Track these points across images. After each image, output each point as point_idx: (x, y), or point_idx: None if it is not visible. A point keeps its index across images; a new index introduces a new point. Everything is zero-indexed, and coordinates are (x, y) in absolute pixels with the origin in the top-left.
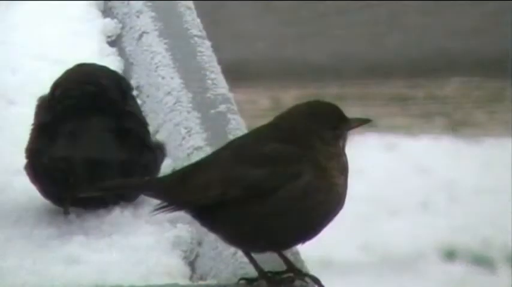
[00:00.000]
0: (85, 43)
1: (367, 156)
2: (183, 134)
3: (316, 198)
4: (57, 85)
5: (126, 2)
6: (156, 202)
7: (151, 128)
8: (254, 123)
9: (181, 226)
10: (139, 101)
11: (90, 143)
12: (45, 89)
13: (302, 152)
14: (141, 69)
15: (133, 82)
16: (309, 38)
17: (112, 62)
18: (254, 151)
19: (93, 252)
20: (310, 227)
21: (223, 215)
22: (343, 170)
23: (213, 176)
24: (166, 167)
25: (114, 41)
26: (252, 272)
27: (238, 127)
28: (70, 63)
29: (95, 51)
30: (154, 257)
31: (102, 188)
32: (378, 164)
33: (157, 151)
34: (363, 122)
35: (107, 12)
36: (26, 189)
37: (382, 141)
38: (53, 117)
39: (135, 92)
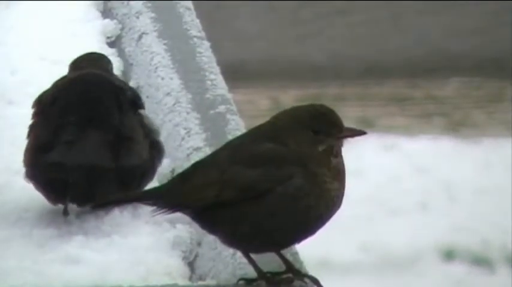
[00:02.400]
0: (84, 44)
1: (366, 156)
2: (182, 135)
3: (306, 202)
4: (56, 97)
5: (125, 2)
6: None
7: None
8: (253, 124)
9: (181, 227)
10: None
11: (84, 150)
12: (44, 89)
13: (295, 155)
14: (140, 70)
15: (132, 83)
16: (309, 38)
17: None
18: (249, 152)
19: (92, 252)
20: (304, 228)
21: (221, 216)
22: (337, 174)
23: (211, 177)
24: (166, 167)
25: (114, 42)
26: (251, 272)
27: (237, 128)
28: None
29: None
30: (154, 258)
31: (104, 202)
32: (377, 164)
33: (154, 152)
34: (357, 134)
35: (106, 13)
36: (26, 189)
37: (381, 142)
38: (52, 129)
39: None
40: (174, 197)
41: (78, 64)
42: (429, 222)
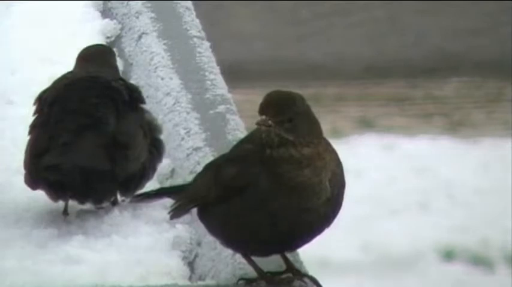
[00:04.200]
0: (84, 44)
1: (365, 156)
2: (182, 135)
3: (275, 202)
4: (54, 101)
5: (125, 2)
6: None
7: None
8: (253, 124)
9: (181, 227)
10: None
11: (79, 152)
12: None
13: (257, 155)
14: (140, 69)
15: (132, 83)
16: (309, 38)
17: None
18: (235, 152)
19: (92, 252)
20: (284, 228)
21: (210, 215)
22: (305, 162)
23: (208, 176)
24: (166, 167)
25: (114, 42)
26: (251, 272)
27: (237, 128)
28: (69, 64)
29: None
30: (154, 258)
31: (137, 196)
32: (377, 164)
33: (154, 151)
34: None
35: (106, 13)
36: (26, 189)
37: (381, 142)
38: (49, 131)
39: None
40: (186, 195)
41: (86, 58)
42: (429, 222)
